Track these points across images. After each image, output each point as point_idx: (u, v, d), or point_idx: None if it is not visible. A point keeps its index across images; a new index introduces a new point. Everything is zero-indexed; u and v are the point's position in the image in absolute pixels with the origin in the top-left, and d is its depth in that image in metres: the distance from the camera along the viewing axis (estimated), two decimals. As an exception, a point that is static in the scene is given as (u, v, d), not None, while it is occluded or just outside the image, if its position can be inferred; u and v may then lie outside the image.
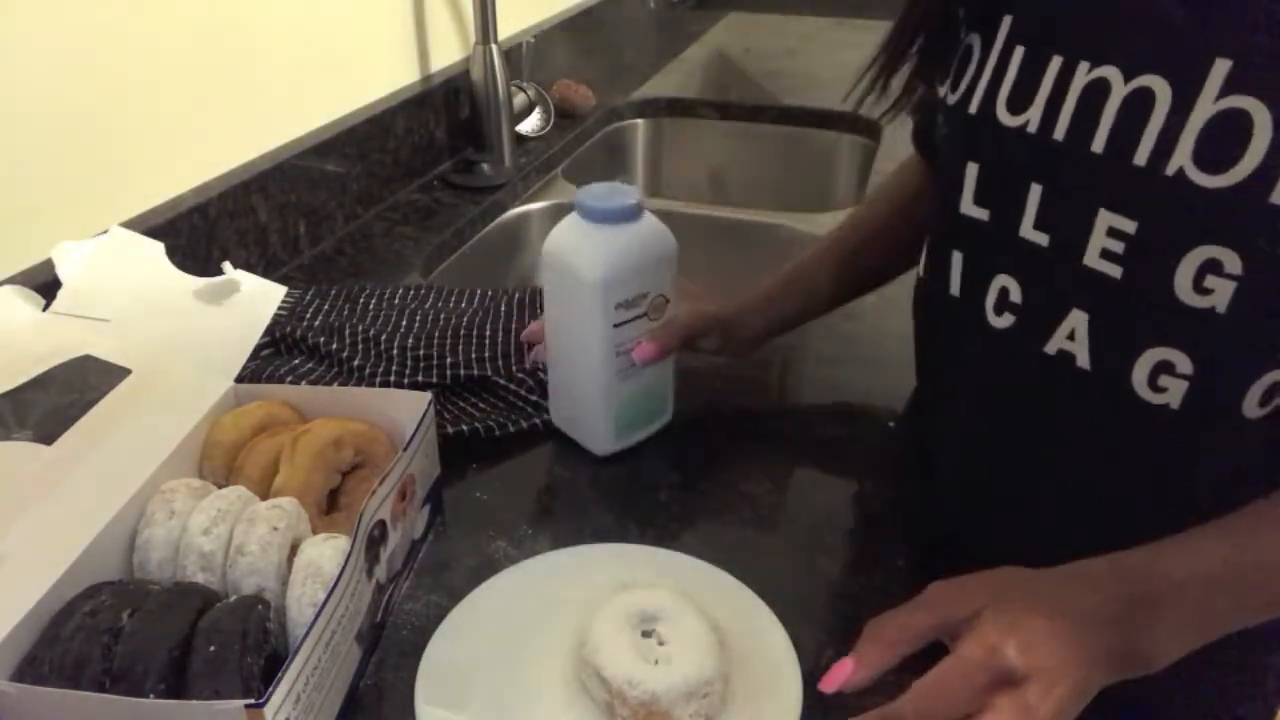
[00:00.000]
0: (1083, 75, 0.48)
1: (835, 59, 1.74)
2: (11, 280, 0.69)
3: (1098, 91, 0.47)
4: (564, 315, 0.66)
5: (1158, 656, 0.43)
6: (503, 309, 0.86)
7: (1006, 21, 0.53)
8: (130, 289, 0.67)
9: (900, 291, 0.71)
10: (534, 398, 0.73)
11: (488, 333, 0.81)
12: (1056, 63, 0.49)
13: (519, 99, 1.30)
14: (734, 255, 1.18)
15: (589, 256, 0.62)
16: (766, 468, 0.69)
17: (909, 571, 0.60)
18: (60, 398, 0.56)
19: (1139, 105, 0.46)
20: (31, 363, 0.58)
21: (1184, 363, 0.47)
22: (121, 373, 0.59)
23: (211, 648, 0.43)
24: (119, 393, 0.58)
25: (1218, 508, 0.47)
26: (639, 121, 1.56)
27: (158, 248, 0.73)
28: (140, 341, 0.62)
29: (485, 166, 1.21)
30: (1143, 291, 0.47)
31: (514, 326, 0.82)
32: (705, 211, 1.24)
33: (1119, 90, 0.46)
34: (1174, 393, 0.48)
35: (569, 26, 1.56)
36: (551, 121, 1.35)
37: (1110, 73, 0.47)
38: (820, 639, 0.54)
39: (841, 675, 0.43)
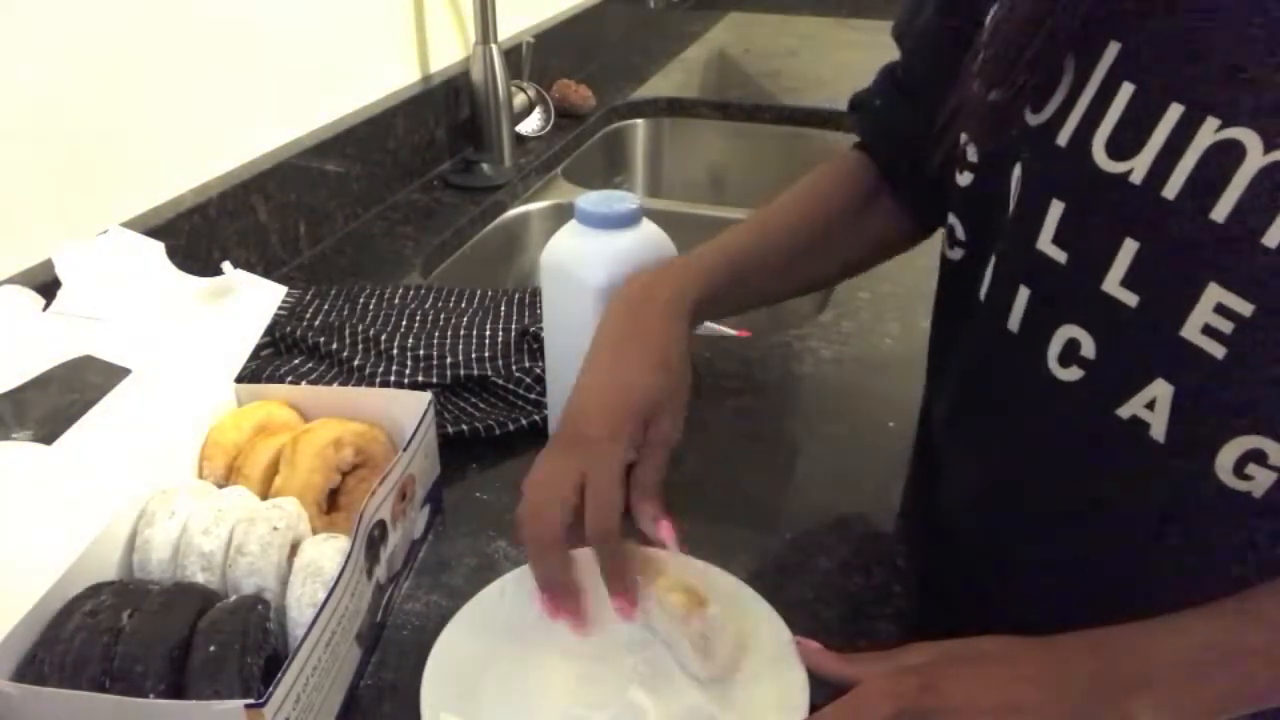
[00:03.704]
0: (1209, 133, 0.41)
1: (835, 59, 1.75)
2: (11, 280, 0.69)
3: (1228, 155, 0.40)
4: (564, 326, 0.65)
5: None
6: (503, 309, 0.86)
7: (1113, 49, 0.44)
8: (130, 289, 0.67)
9: (899, 291, 0.71)
10: (534, 396, 0.73)
11: (488, 333, 0.81)
12: (1175, 112, 0.42)
13: (519, 99, 1.30)
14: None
15: (591, 262, 0.61)
16: (766, 468, 0.69)
17: (909, 572, 0.60)
18: (60, 398, 0.56)
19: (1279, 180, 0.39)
20: (31, 363, 0.58)
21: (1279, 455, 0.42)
22: (121, 373, 0.59)
23: (211, 648, 0.43)
24: (119, 393, 0.58)
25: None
26: (639, 121, 1.56)
27: (158, 248, 0.73)
28: (140, 341, 0.62)
29: (485, 166, 1.21)
30: (1248, 376, 0.42)
31: (514, 327, 0.82)
32: (705, 211, 1.24)
33: (1255, 159, 0.40)
34: (1260, 482, 0.43)
35: (569, 26, 1.56)
36: (551, 121, 1.35)
37: (1246, 136, 0.40)
38: (820, 639, 0.53)
39: None
